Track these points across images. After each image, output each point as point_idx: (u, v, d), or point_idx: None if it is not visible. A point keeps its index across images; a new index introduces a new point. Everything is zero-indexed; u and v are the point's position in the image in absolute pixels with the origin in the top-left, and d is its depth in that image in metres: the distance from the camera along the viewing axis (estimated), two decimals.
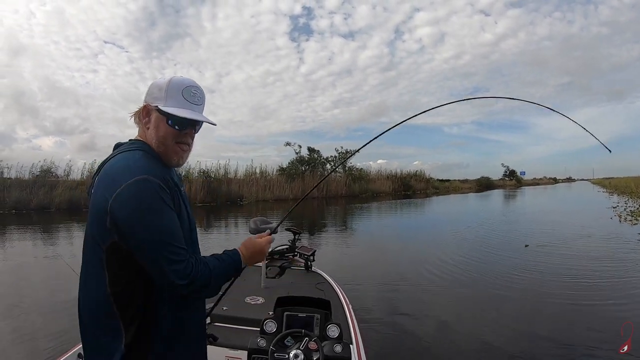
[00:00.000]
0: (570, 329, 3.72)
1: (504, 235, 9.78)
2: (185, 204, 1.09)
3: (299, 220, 15.28)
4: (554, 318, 4.00)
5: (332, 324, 1.77)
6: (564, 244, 8.08)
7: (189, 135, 1.10)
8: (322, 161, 29.76)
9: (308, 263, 3.32)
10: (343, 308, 2.43)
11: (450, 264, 6.55)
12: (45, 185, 18.20)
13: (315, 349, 1.57)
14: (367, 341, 2.32)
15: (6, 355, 3.29)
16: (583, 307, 4.29)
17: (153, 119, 1.06)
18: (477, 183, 48.61)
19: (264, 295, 2.57)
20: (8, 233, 11.14)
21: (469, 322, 3.95)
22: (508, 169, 63.75)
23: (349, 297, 2.69)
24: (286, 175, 27.21)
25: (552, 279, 5.44)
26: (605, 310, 4.15)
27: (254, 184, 25.39)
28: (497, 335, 3.58)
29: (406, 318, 4.05)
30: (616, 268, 5.95)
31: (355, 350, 1.85)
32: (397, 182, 34.55)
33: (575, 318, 3.98)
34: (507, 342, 3.42)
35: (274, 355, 1.55)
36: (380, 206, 21.16)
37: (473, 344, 3.42)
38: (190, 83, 1.08)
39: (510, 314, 4.19)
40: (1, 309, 4.37)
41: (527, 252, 7.35)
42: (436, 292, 5.03)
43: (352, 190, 29.36)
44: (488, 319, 4.02)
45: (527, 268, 6.06)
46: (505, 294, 4.88)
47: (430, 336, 3.59)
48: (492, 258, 7.01)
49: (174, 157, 1.07)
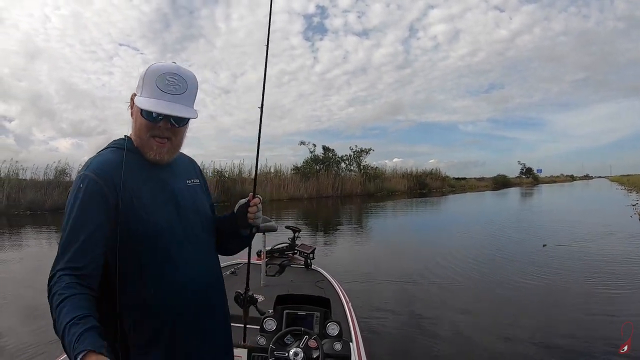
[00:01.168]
0: (585, 331, 3.56)
1: (521, 234, 9.45)
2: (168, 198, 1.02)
3: (312, 218, 15.21)
4: (567, 320, 3.86)
5: (332, 322, 1.77)
6: (583, 244, 7.76)
7: (163, 128, 0.99)
8: (336, 160, 29.46)
9: (308, 261, 3.31)
10: (343, 306, 2.44)
11: (459, 263, 6.36)
12: (59, 186, 18.05)
13: (315, 347, 1.57)
14: (367, 339, 2.35)
15: (29, 355, 3.20)
16: (601, 311, 4.05)
17: (134, 109, 1.01)
18: (493, 181, 48.21)
19: (264, 293, 2.53)
20: (24, 234, 10.98)
21: (470, 321, 3.87)
22: (525, 167, 62.91)
23: (349, 295, 2.69)
24: (300, 174, 26.90)
25: (569, 280, 5.22)
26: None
27: (268, 183, 25.06)
28: (496, 334, 3.53)
29: (407, 316, 4.01)
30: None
31: (355, 347, 1.84)
32: (413, 180, 34.14)
33: (591, 321, 3.82)
34: (505, 341, 3.37)
35: (274, 353, 1.54)
36: (394, 205, 20.89)
37: (473, 342, 3.38)
38: (167, 70, 0.97)
39: (513, 314, 4.06)
40: (21, 309, 4.32)
41: (545, 252, 7.05)
42: (440, 291, 4.94)
43: (367, 189, 29.03)
44: (488, 319, 3.96)
45: (544, 269, 5.79)
46: (509, 294, 4.74)
47: (431, 334, 3.54)
48: (505, 258, 6.71)
49: (149, 152, 1.00)
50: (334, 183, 27.35)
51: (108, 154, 1.00)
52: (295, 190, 25.38)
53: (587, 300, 4.43)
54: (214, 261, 1.14)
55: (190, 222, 1.04)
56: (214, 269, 1.12)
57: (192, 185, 1.11)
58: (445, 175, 40.29)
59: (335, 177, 27.99)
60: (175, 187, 1.04)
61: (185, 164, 1.15)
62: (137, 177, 0.98)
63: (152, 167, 1.02)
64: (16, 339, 3.49)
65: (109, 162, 0.96)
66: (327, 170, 28.16)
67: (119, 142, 1.04)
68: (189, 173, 1.14)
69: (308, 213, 17.38)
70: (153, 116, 0.96)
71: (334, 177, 27.79)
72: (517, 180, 56.71)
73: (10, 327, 3.81)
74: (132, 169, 0.97)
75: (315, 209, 19.53)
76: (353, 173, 30.34)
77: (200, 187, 1.15)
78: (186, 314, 0.99)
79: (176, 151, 1.05)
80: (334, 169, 28.80)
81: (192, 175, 1.14)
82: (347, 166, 30.53)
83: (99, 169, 0.94)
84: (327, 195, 26.31)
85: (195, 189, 1.12)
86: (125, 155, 0.97)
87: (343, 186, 27.78)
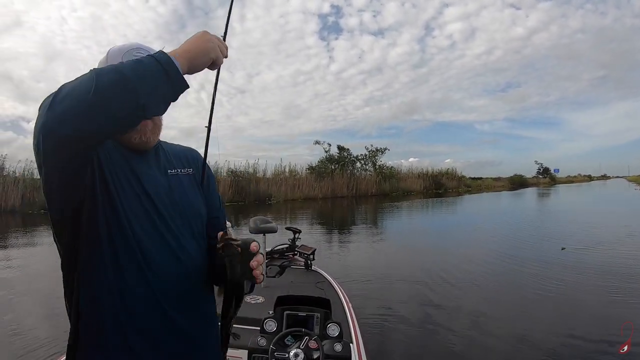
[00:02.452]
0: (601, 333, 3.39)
1: (539, 236, 9.08)
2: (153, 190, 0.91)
3: (327, 218, 15.05)
4: (584, 324, 3.69)
5: (332, 323, 1.79)
6: (603, 247, 7.47)
7: None
8: (351, 159, 29.15)
9: (308, 262, 3.32)
10: (343, 307, 2.45)
11: (469, 265, 6.21)
12: None
13: (315, 348, 1.57)
14: (368, 340, 2.37)
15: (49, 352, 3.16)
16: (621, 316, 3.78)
17: None
18: (510, 181, 47.64)
19: (264, 294, 2.54)
20: (38, 232, 10.79)
21: (474, 323, 3.81)
22: (542, 167, 61.64)
23: (349, 296, 2.72)
24: (315, 174, 26.65)
25: (588, 286, 4.95)
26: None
27: (283, 183, 24.80)
28: (496, 334, 3.51)
29: (407, 316, 4.00)
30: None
31: (355, 348, 1.84)
32: (429, 180, 33.65)
33: (608, 324, 3.60)
34: (509, 342, 3.34)
35: (275, 355, 1.55)
36: (409, 205, 20.68)
37: (474, 343, 3.36)
38: (133, 46, 0.90)
39: (522, 318, 3.92)
40: (41, 310, 4.27)
41: (564, 256, 6.71)
42: (447, 292, 4.83)
43: (382, 189, 28.73)
44: (494, 321, 3.88)
45: (563, 273, 5.52)
46: (522, 297, 4.61)
47: (432, 336, 3.52)
48: (521, 262, 6.34)
49: (133, 135, 0.89)
50: (349, 183, 27.07)
51: None
52: (310, 190, 25.18)
53: (609, 306, 4.20)
54: (190, 266, 0.92)
55: (164, 216, 0.89)
56: (190, 276, 0.92)
57: (175, 175, 0.98)
58: (462, 175, 39.82)
59: (350, 177, 27.70)
60: (150, 176, 0.92)
61: (176, 153, 1.04)
62: (116, 162, 0.87)
63: (130, 156, 0.91)
64: (32, 335, 3.49)
65: None
66: (342, 170, 27.87)
67: None
68: (176, 162, 1.01)
69: (321, 213, 17.25)
70: None
71: (349, 177, 27.51)
72: (534, 180, 55.94)
73: (27, 324, 3.82)
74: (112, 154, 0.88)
75: (329, 209, 19.40)
76: (368, 173, 30.04)
77: (191, 177, 1.01)
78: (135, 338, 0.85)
79: (159, 131, 0.96)
80: (349, 169, 28.52)
81: (180, 164, 1.01)
82: (363, 166, 30.28)
83: None
84: (342, 195, 26.09)
85: (179, 179, 0.98)
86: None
87: (358, 186, 27.47)
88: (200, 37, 0.80)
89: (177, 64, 0.72)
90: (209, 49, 0.79)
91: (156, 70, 0.69)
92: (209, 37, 0.81)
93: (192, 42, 0.79)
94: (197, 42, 0.79)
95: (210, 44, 0.80)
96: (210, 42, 0.80)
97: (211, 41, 0.80)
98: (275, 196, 23.59)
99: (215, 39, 0.82)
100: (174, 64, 0.72)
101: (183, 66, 0.73)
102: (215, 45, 0.81)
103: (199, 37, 0.80)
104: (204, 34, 0.81)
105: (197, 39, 0.80)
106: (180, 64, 0.73)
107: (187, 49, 0.77)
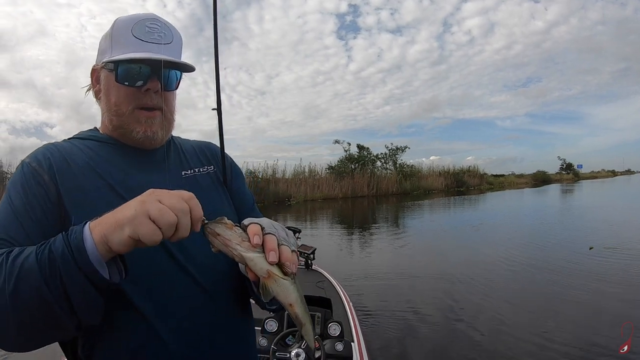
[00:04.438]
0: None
1: (565, 235, 8.73)
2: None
3: (345, 218, 14.91)
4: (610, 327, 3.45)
5: (333, 322, 1.80)
6: (635, 247, 7.03)
7: (152, 91, 0.72)
8: (371, 158, 28.62)
9: (308, 262, 3.33)
10: (344, 306, 2.45)
11: (487, 264, 6.05)
12: None
13: (316, 348, 1.56)
14: (369, 339, 2.42)
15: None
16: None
17: (103, 82, 0.75)
18: (533, 177, 46.31)
19: None
20: None
21: (475, 323, 3.75)
22: (564, 162, 59.65)
23: (350, 295, 2.75)
24: (335, 173, 26.27)
25: (619, 288, 4.61)
26: None
27: (303, 183, 24.51)
28: (496, 335, 3.46)
29: (408, 316, 3.96)
30: None
31: (356, 348, 1.82)
32: (450, 178, 32.80)
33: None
34: (513, 344, 3.23)
35: (276, 354, 1.55)
36: (430, 204, 20.20)
37: (474, 343, 3.31)
38: (145, 17, 0.73)
39: (541, 321, 3.74)
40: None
41: (592, 255, 6.39)
42: (447, 292, 4.76)
43: (403, 188, 28.15)
44: (489, 320, 3.83)
45: (591, 274, 5.26)
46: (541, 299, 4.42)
47: (433, 335, 3.50)
48: (545, 261, 6.10)
49: (135, 128, 0.73)
50: (369, 182, 26.57)
51: (62, 143, 0.76)
52: (330, 190, 24.84)
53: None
54: (223, 300, 0.73)
55: (174, 244, 0.69)
56: (221, 312, 0.73)
57: (192, 177, 0.79)
58: (484, 172, 38.73)
59: (371, 176, 27.15)
60: (156, 184, 0.66)
61: (191, 149, 0.86)
62: (107, 171, 0.70)
63: (130, 158, 0.74)
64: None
65: (56, 153, 0.71)
66: (362, 169, 27.37)
67: (85, 133, 0.80)
68: (193, 160, 0.83)
69: (341, 213, 17.06)
70: (138, 73, 0.70)
71: (369, 176, 26.96)
72: (557, 177, 54.18)
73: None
74: (97, 163, 0.71)
75: (349, 209, 19.16)
76: (389, 172, 29.45)
77: (212, 176, 0.83)
78: None
79: (171, 127, 0.78)
80: (369, 168, 27.95)
81: (197, 162, 0.83)
82: (383, 165, 29.74)
83: (40, 159, 0.69)
84: (362, 194, 25.67)
85: (196, 182, 0.79)
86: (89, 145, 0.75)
87: (378, 185, 26.94)
88: (130, 202, 0.54)
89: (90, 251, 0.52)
90: (128, 220, 0.51)
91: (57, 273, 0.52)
92: (145, 199, 0.53)
93: (118, 209, 0.54)
94: (122, 208, 0.54)
95: (132, 212, 0.51)
96: (137, 208, 0.52)
97: (141, 206, 0.52)
98: (295, 197, 23.40)
99: (156, 201, 0.52)
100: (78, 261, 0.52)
101: (100, 251, 0.53)
102: (144, 213, 0.51)
103: (133, 200, 0.54)
104: (147, 194, 0.54)
105: (127, 204, 0.54)
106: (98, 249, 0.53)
107: (104, 221, 0.54)
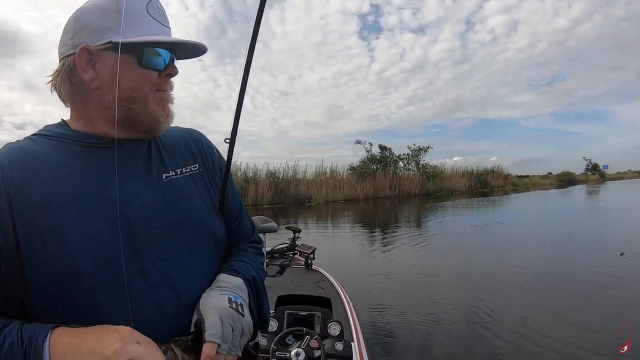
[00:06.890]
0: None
1: (594, 239, 8.19)
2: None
3: (369, 219, 14.61)
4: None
5: (333, 322, 1.79)
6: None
7: (173, 75, 0.69)
8: (394, 159, 28.04)
9: (308, 261, 3.36)
10: (344, 306, 2.46)
11: (503, 267, 5.90)
12: None
13: (316, 347, 1.57)
14: (369, 338, 2.40)
15: None
16: None
17: (108, 67, 0.62)
18: (558, 178, 45.06)
19: None
20: None
21: (476, 322, 3.68)
22: (590, 163, 57.84)
23: (350, 295, 2.73)
24: (357, 174, 25.78)
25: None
26: None
27: (324, 184, 24.06)
28: (497, 334, 3.35)
29: (409, 315, 3.95)
30: None
31: (356, 347, 1.83)
32: (473, 179, 31.89)
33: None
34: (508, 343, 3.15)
35: (276, 354, 1.55)
36: (452, 205, 19.65)
37: (475, 342, 3.26)
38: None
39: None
40: None
41: (623, 261, 5.95)
42: (451, 292, 4.77)
43: (425, 189, 27.52)
44: (490, 320, 3.72)
45: (623, 281, 4.88)
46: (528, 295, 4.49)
47: (434, 335, 3.45)
48: (571, 266, 5.77)
49: (157, 113, 0.66)
50: (391, 183, 25.96)
51: (25, 143, 0.64)
52: (352, 191, 24.33)
53: None
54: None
55: (153, 246, 0.62)
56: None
57: (173, 180, 0.69)
58: (508, 173, 37.56)
59: (393, 177, 26.54)
60: (135, 195, 0.63)
61: (172, 144, 0.74)
62: (72, 178, 0.61)
63: (109, 161, 0.62)
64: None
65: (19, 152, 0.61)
66: (384, 170, 26.79)
67: (52, 128, 0.67)
68: (174, 159, 0.72)
69: (362, 214, 16.72)
70: (161, 57, 0.65)
71: (391, 177, 26.36)
72: (582, 177, 52.54)
73: None
74: (68, 174, 0.61)
75: (370, 210, 18.80)
76: (411, 172, 28.79)
77: (196, 177, 0.73)
78: None
79: (171, 119, 0.71)
80: (391, 169, 27.34)
81: (180, 162, 0.72)
82: (405, 165, 29.10)
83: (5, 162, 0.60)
84: (384, 195, 25.08)
85: (179, 186, 0.69)
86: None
87: (401, 186, 26.31)
88: (105, 349, 0.50)
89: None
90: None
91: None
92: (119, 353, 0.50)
93: (88, 340, 0.51)
94: (94, 346, 0.51)
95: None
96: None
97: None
98: (316, 197, 22.98)
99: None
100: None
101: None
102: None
103: (108, 347, 0.51)
104: (119, 347, 0.51)
105: (100, 344, 0.51)
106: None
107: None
